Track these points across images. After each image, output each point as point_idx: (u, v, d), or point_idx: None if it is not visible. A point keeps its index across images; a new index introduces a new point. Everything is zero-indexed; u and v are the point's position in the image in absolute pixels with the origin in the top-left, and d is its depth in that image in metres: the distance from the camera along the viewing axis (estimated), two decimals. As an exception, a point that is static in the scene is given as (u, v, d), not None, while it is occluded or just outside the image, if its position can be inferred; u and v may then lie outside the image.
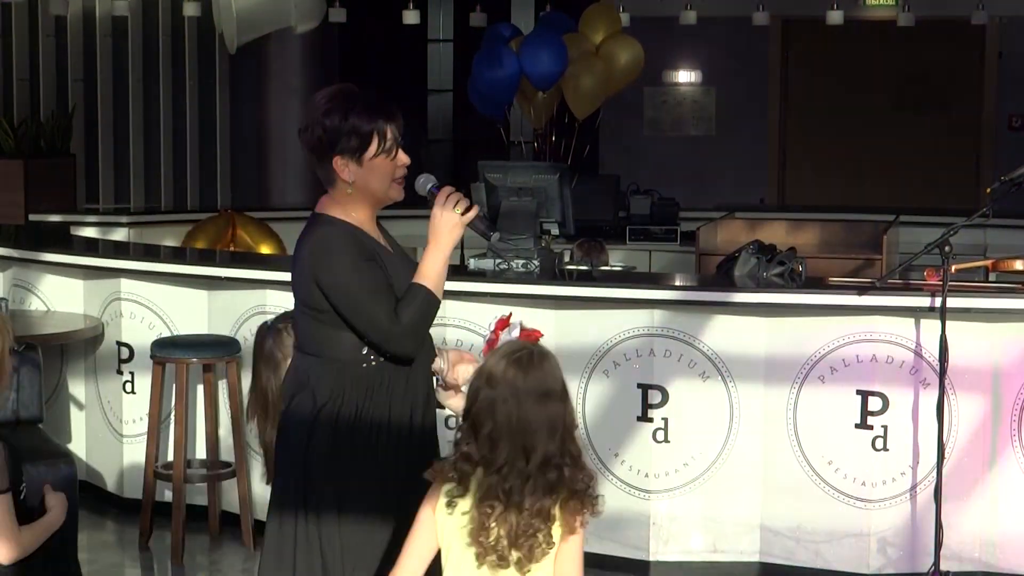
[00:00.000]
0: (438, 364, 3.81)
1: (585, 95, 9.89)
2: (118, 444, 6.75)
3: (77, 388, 6.97)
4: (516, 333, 3.73)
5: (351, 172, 3.68)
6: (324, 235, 3.67)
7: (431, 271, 3.67)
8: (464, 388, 3.59)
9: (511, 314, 3.78)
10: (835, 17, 10.86)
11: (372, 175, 3.69)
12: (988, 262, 5.97)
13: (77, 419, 6.99)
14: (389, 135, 3.69)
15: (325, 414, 3.64)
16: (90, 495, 6.71)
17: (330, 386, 3.65)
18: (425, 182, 3.75)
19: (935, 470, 5.40)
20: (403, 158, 3.73)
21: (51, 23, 11.07)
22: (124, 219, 9.33)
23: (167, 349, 6.22)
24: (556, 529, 3.18)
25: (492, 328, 3.85)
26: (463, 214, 3.69)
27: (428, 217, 3.72)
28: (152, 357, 6.24)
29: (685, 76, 13.57)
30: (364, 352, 3.65)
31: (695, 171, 13.21)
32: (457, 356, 3.87)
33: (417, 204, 3.91)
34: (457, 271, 6.53)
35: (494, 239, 3.83)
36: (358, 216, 3.73)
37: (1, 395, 3.43)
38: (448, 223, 3.68)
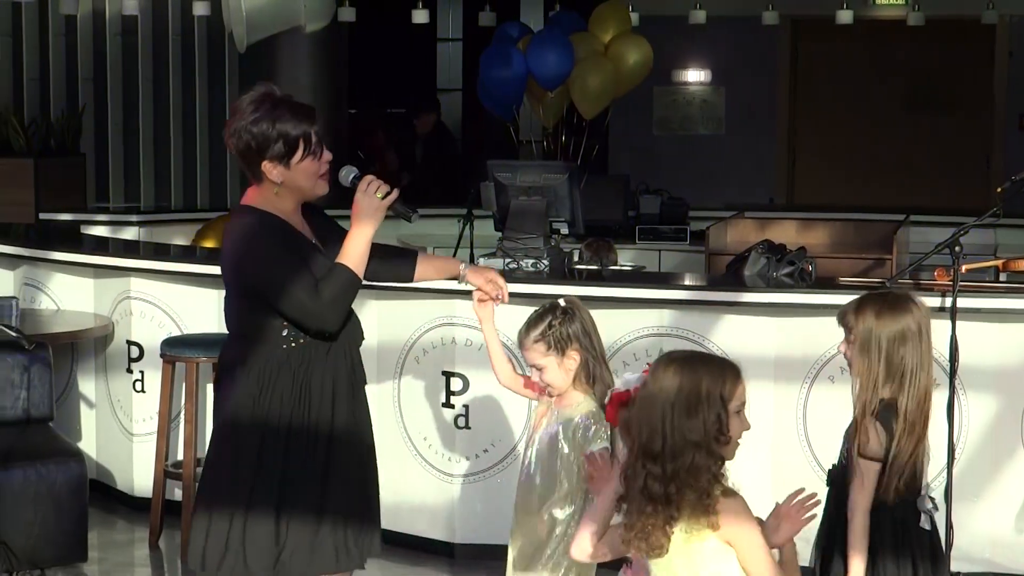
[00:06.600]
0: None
1: (592, 95, 9.85)
2: (128, 443, 6.76)
3: (87, 387, 6.98)
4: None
5: (279, 174, 3.90)
6: (247, 224, 3.91)
7: (354, 251, 3.88)
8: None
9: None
10: (845, 16, 10.86)
11: (300, 175, 3.92)
12: (998, 262, 5.96)
13: (87, 418, 7.00)
14: (314, 137, 3.91)
15: (246, 395, 3.86)
16: (100, 494, 6.72)
17: (257, 368, 3.86)
18: (347, 174, 4.00)
19: (945, 470, 5.39)
20: (327, 155, 3.96)
21: (61, 22, 11.06)
22: (134, 218, 9.33)
23: (177, 348, 6.23)
24: None
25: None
26: (383, 198, 3.90)
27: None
28: (162, 356, 6.24)
29: (695, 75, 13.55)
30: (284, 334, 3.86)
31: (705, 171, 13.19)
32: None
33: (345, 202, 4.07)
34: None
35: (415, 219, 4.02)
36: (283, 208, 3.95)
37: None
38: (371, 207, 3.90)
